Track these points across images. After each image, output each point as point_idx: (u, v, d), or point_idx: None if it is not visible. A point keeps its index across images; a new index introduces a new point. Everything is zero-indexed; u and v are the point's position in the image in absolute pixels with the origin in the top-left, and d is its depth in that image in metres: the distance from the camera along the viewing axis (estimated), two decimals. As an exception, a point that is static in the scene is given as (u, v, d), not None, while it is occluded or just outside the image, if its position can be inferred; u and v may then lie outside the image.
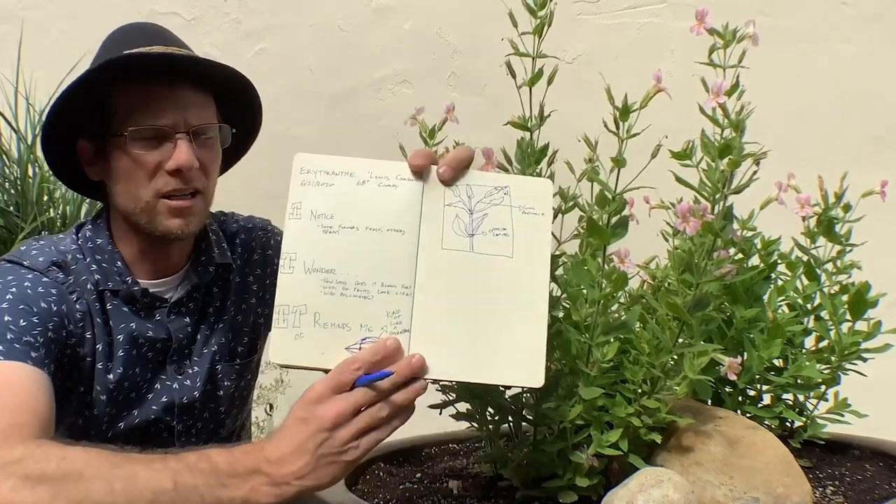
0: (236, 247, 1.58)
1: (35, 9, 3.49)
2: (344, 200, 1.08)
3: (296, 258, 1.07)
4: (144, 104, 1.37)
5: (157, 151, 1.37)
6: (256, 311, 1.57)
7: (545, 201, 1.08)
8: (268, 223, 1.64)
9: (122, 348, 1.41)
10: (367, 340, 1.04)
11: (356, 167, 1.09)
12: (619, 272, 1.10)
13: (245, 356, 1.55)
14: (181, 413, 1.47)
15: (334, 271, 1.06)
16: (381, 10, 2.88)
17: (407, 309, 1.05)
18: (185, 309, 1.48)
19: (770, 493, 1.05)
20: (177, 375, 1.47)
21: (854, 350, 1.26)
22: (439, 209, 1.08)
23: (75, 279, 1.39)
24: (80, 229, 1.47)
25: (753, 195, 1.16)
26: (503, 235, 1.07)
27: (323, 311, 1.05)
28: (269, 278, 1.57)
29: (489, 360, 1.04)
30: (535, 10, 1.12)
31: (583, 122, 1.13)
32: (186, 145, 1.37)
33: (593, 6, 2.52)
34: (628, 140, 1.10)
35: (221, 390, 1.52)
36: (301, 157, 1.10)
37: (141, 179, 1.38)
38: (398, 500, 1.18)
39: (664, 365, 1.12)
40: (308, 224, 1.08)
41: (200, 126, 1.40)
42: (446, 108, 1.19)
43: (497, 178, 1.10)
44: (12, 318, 1.29)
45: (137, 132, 1.36)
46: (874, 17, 2.26)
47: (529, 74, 1.13)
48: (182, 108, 1.38)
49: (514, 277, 1.05)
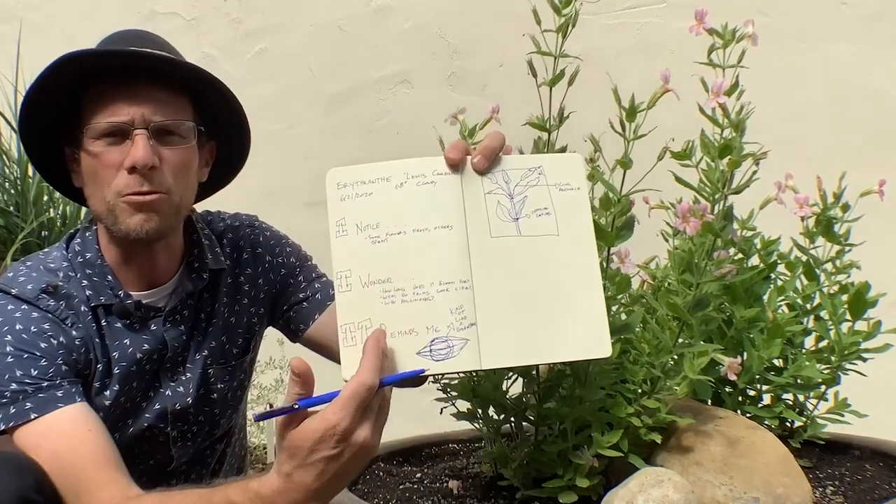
0: (224, 247, 1.54)
1: (35, 9, 3.49)
2: (386, 207, 1.06)
3: (351, 275, 1.05)
4: (103, 101, 1.34)
5: (115, 149, 1.34)
6: (250, 311, 1.54)
7: (579, 175, 1.08)
8: (255, 219, 1.60)
9: (119, 366, 1.39)
10: (437, 341, 1.03)
11: (391, 170, 1.07)
12: (622, 274, 1.10)
13: (238, 357, 1.54)
14: (175, 419, 1.46)
15: (391, 280, 1.04)
16: (381, 10, 2.88)
17: (469, 303, 1.03)
18: (180, 317, 1.46)
19: (770, 493, 1.05)
20: (170, 382, 1.45)
21: (854, 350, 1.26)
22: (481, 198, 1.07)
23: (67, 303, 1.36)
24: (70, 242, 1.44)
25: (753, 195, 1.16)
26: (546, 215, 1.06)
27: (388, 321, 1.03)
28: (260, 277, 1.55)
29: (556, 338, 1.03)
30: (560, 8, 1.11)
31: (583, 121, 1.13)
32: (143, 141, 1.32)
33: (593, 6, 2.52)
34: (633, 141, 1.10)
35: (215, 393, 1.50)
36: (334, 172, 1.08)
37: (103, 179, 1.34)
38: (398, 500, 1.18)
39: (664, 365, 1.12)
40: (356, 238, 1.06)
41: (163, 123, 1.35)
42: (492, 109, 1.19)
43: (528, 159, 1.10)
44: (23, 370, 1.28)
45: (93, 129, 1.34)
46: (874, 17, 2.26)
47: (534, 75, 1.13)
48: (140, 104, 1.34)
49: (563, 254, 1.05)
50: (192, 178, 1.42)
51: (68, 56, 1.33)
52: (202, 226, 1.52)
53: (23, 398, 1.27)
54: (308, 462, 0.99)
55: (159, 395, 1.45)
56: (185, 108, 1.40)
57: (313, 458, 0.98)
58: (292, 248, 1.59)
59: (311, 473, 0.99)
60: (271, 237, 1.58)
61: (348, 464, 0.99)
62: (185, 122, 1.39)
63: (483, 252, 1.05)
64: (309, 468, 0.99)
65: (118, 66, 1.35)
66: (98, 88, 1.35)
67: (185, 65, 1.39)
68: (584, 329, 1.03)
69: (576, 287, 1.04)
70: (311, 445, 0.98)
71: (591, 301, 1.04)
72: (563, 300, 1.04)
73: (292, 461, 0.99)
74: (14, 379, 1.28)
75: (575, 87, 1.12)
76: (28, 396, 1.27)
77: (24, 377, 1.28)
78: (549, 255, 1.05)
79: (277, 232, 1.61)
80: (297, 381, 1.00)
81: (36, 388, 1.27)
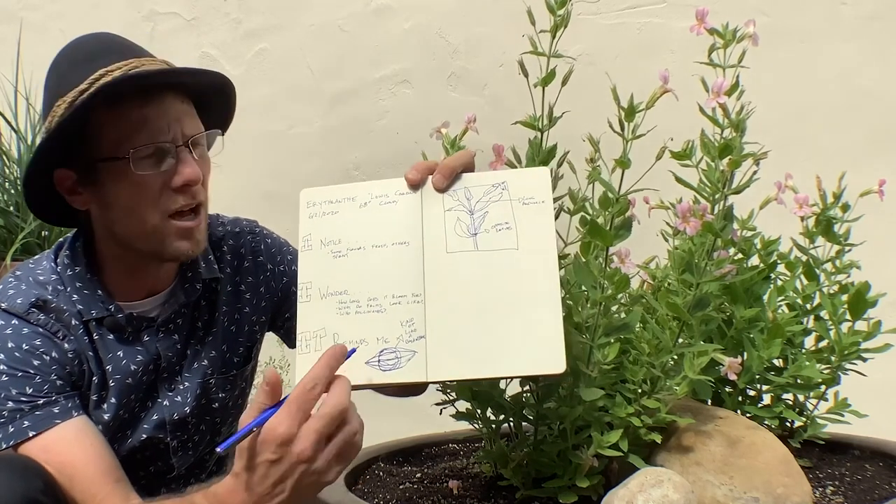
0: (225, 253, 1.52)
1: (35, 9, 3.49)
2: (349, 224, 1.11)
3: (311, 286, 1.11)
4: (140, 123, 1.30)
5: (159, 169, 1.32)
6: (251, 319, 1.53)
7: (544, 189, 1.09)
8: (255, 225, 1.58)
9: (114, 379, 1.38)
10: (385, 352, 1.06)
11: (357, 191, 1.13)
12: (621, 274, 1.10)
13: (240, 365, 1.53)
14: (174, 429, 1.45)
15: (347, 292, 1.09)
16: (381, 10, 2.88)
17: (420, 316, 1.06)
18: (174, 326, 1.44)
19: (770, 493, 1.05)
20: (168, 392, 1.44)
21: (854, 350, 1.26)
22: (440, 216, 1.09)
23: (57, 317, 1.34)
24: (58, 254, 1.41)
25: (753, 195, 1.16)
26: (506, 230, 1.07)
27: (341, 330, 1.07)
28: (262, 285, 1.53)
29: (508, 352, 1.04)
30: (554, 9, 1.12)
31: (583, 121, 1.13)
32: (190, 157, 1.32)
33: (593, 6, 2.52)
34: (632, 141, 1.10)
35: (217, 402, 1.49)
36: (306, 192, 1.15)
37: (146, 202, 1.32)
38: (398, 500, 1.18)
39: (664, 365, 1.12)
40: (318, 253, 1.11)
41: (196, 136, 1.35)
42: (468, 119, 1.19)
43: (494, 175, 1.11)
44: (18, 388, 1.28)
45: (139, 152, 1.30)
46: (874, 17, 2.26)
47: (540, 74, 1.13)
48: (176, 121, 1.32)
49: (522, 268, 1.06)
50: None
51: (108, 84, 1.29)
52: None
53: (20, 416, 1.26)
54: (253, 464, 1.03)
55: (157, 406, 1.44)
56: (197, 115, 1.39)
57: (257, 460, 1.03)
58: (293, 255, 1.57)
59: (254, 476, 1.04)
60: (272, 244, 1.57)
61: (288, 473, 1.02)
62: (213, 133, 1.40)
63: (438, 267, 1.07)
64: (252, 471, 1.04)
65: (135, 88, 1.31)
66: (123, 107, 1.31)
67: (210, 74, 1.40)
68: (537, 343, 1.03)
69: (532, 302, 1.05)
70: (256, 447, 1.03)
71: (547, 316, 1.04)
72: (517, 314, 1.05)
73: (240, 461, 1.04)
74: (10, 398, 1.27)
75: (575, 87, 1.12)
76: (25, 415, 1.26)
77: (19, 395, 1.27)
78: (507, 270, 1.06)
79: (279, 238, 1.60)
80: (266, 391, 1.04)
81: (32, 406, 1.27)
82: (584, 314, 1.11)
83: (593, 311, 1.11)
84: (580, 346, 1.11)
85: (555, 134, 1.15)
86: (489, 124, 1.14)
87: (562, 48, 1.12)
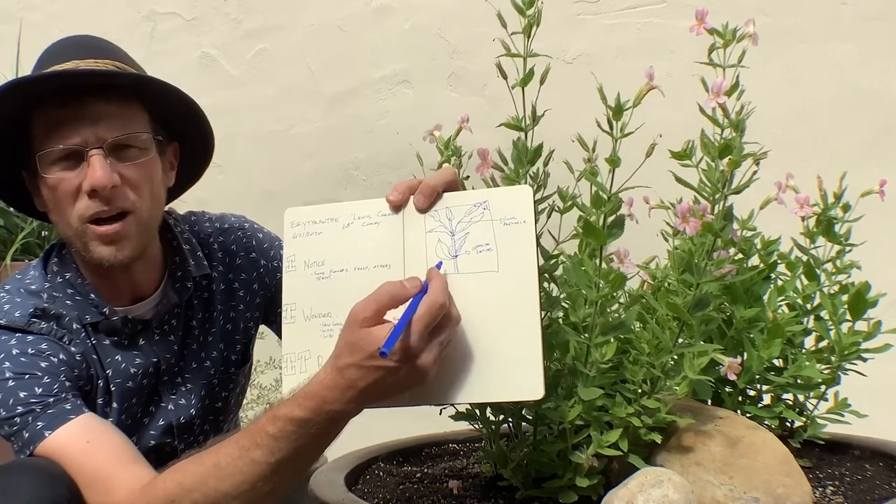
0: (215, 252, 1.50)
1: (35, 9, 3.49)
2: (332, 246, 1.11)
3: (295, 308, 1.11)
4: (51, 125, 1.28)
5: (72, 173, 1.28)
6: (246, 316, 1.52)
7: (526, 208, 1.06)
8: (244, 221, 1.57)
9: (115, 384, 1.38)
10: None
11: (340, 212, 1.12)
12: (616, 272, 1.09)
13: (240, 364, 1.52)
14: (181, 433, 1.44)
15: (330, 314, 1.09)
16: (381, 10, 2.88)
17: None
18: (169, 327, 1.43)
19: (770, 493, 1.05)
20: (171, 396, 1.44)
21: (854, 350, 1.26)
22: (421, 237, 1.08)
23: (59, 322, 1.33)
24: (47, 263, 1.40)
25: (753, 195, 1.16)
26: (487, 251, 1.06)
27: (325, 353, 1.06)
28: (255, 282, 1.52)
29: (486, 378, 1.03)
30: (524, 10, 1.12)
31: (583, 121, 1.13)
32: (100, 162, 1.27)
33: (593, 6, 2.52)
34: (623, 140, 1.09)
35: (220, 402, 1.49)
36: (290, 212, 1.14)
37: (64, 205, 1.30)
38: (398, 500, 1.18)
39: (664, 365, 1.12)
40: (302, 274, 1.11)
41: (118, 139, 1.30)
42: (461, 119, 1.19)
43: (476, 195, 1.09)
44: (26, 391, 1.26)
45: (46, 156, 1.28)
46: (874, 17, 2.26)
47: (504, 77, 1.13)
48: (92, 124, 1.28)
49: (502, 291, 1.04)
50: (158, 188, 1.37)
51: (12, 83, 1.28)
52: (181, 229, 1.48)
53: (33, 419, 1.25)
54: (365, 364, 0.99)
55: (161, 411, 1.43)
56: (139, 118, 1.34)
57: (372, 363, 0.98)
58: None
59: (363, 375, 0.99)
60: (264, 240, 1.56)
61: (401, 380, 1.00)
62: (140, 134, 1.33)
63: None
64: (363, 370, 0.99)
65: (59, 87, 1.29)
66: (45, 112, 1.29)
67: (129, 76, 1.34)
68: (515, 370, 1.02)
69: (511, 325, 1.03)
70: (374, 351, 0.97)
71: (526, 340, 1.03)
72: (496, 338, 1.03)
73: (351, 357, 1.00)
74: (19, 402, 1.26)
75: (575, 87, 1.12)
76: (38, 416, 1.25)
77: (29, 397, 1.26)
78: (486, 293, 1.05)
79: (269, 233, 1.58)
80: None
81: (44, 406, 1.26)
82: (580, 314, 1.11)
83: (590, 311, 1.11)
84: (578, 345, 1.11)
85: (555, 134, 1.14)
86: (489, 124, 1.14)
87: (562, 48, 1.12)
